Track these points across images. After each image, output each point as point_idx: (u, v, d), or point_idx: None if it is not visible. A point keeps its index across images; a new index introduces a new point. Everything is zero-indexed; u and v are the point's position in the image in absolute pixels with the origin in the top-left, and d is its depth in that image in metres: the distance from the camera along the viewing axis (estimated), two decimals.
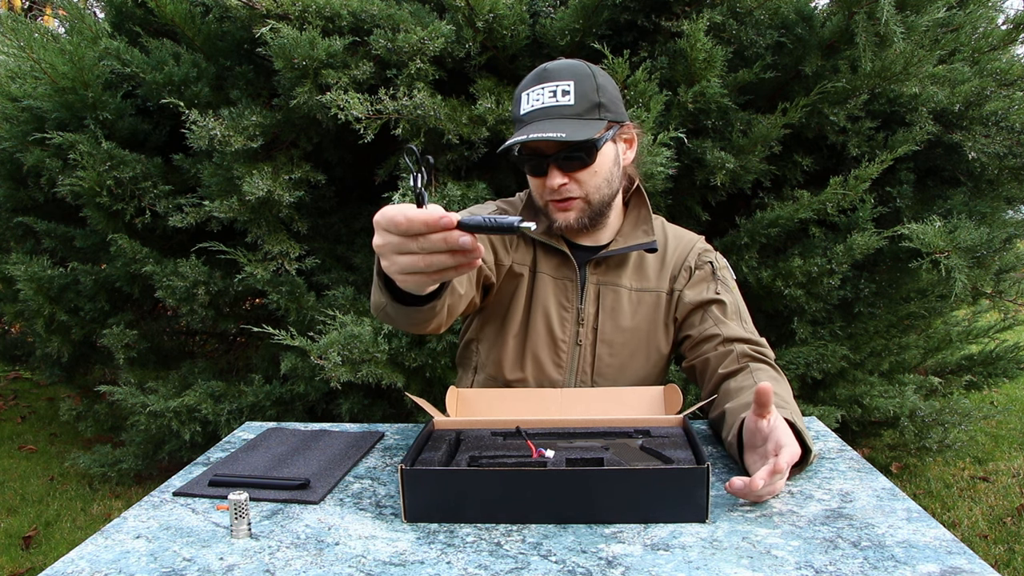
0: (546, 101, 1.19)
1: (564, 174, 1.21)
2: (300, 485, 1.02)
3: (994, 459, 3.32)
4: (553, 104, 1.19)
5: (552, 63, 1.23)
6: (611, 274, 1.34)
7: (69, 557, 0.85)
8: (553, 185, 1.21)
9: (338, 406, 2.65)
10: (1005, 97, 2.57)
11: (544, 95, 1.20)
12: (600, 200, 1.25)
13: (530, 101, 1.21)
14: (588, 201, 1.25)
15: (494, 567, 0.80)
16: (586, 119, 1.19)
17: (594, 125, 1.19)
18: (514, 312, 1.34)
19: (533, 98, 1.21)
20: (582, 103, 1.19)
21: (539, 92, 1.20)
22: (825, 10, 2.50)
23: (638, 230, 1.33)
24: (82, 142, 2.50)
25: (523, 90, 1.23)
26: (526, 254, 1.34)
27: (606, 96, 1.22)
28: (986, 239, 2.38)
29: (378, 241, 0.79)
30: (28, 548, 2.70)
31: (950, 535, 0.84)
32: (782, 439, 0.93)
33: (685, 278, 1.34)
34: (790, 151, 2.53)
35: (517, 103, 1.24)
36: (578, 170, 1.21)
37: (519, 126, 1.22)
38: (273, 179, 2.40)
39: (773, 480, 0.89)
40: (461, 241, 0.74)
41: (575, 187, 1.23)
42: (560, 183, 1.21)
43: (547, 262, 1.33)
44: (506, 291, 1.35)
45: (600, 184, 1.24)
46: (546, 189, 1.24)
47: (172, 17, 2.46)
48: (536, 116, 1.19)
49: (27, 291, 2.83)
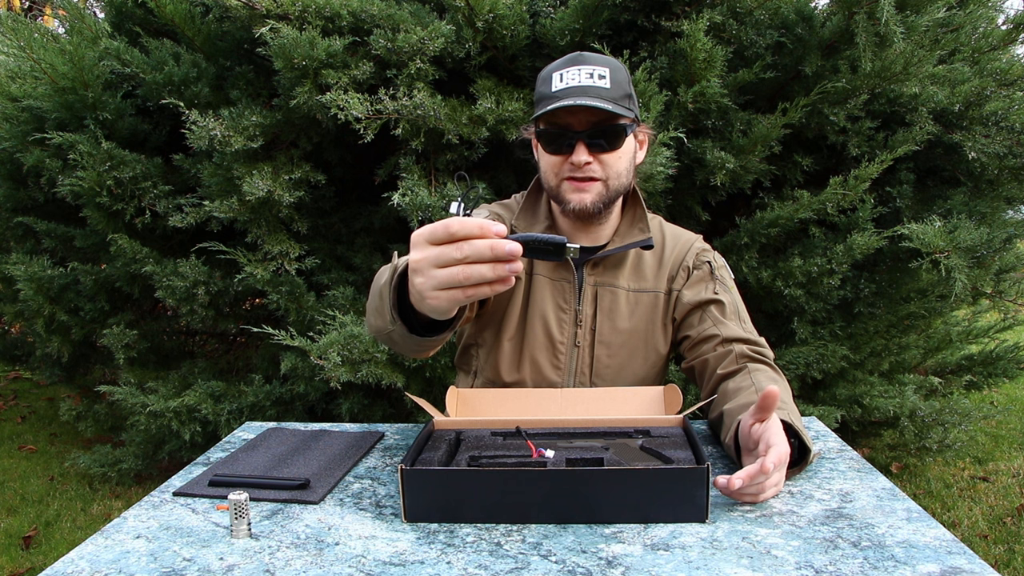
0: (583, 80, 1.19)
1: (590, 153, 1.21)
2: (300, 485, 1.02)
3: (994, 459, 3.32)
4: (591, 84, 1.19)
5: (584, 53, 1.24)
6: (608, 275, 1.34)
7: (69, 557, 0.85)
8: (579, 161, 1.21)
9: (338, 406, 2.65)
10: (1005, 97, 2.57)
11: (581, 75, 1.20)
12: (616, 187, 1.26)
13: (564, 80, 1.20)
14: (607, 185, 1.24)
15: (494, 567, 0.80)
16: (621, 105, 1.20)
17: (627, 112, 1.21)
18: (511, 315, 1.35)
19: (568, 77, 1.20)
20: (617, 90, 1.20)
21: (575, 72, 1.20)
22: (825, 10, 2.50)
23: (634, 228, 1.33)
24: (82, 142, 2.50)
25: (555, 70, 1.23)
26: None
27: (634, 93, 1.25)
28: (986, 239, 2.38)
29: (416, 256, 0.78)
30: (28, 548, 2.70)
31: (950, 535, 0.84)
32: (771, 439, 0.93)
33: (683, 278, 1.34)
34: (790, 151, 2.53)
35: (546, 82, 1.23)
36: (604, 151, 1.22)
37: (550, 101, 1.20)
38: (273, 179, 2.40)
39: (756, 480, 0.89)
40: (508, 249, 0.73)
41: (598, 168, 1.23)
42: (586, 160, 1.21)
43: (544, 264, 1.34)
44: (502, 295, 1.35)
45: (621, 171, 1.25)
46: (565, 166, 1.23)
47: (172, 17, 2.46)
48: (573, 92, 1.19)
49: (27, 291, 2.83)
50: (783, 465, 0.92)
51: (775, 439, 0.92)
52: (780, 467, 0.92)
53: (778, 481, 0.93)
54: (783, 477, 0.95)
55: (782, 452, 0.91)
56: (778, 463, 0.90)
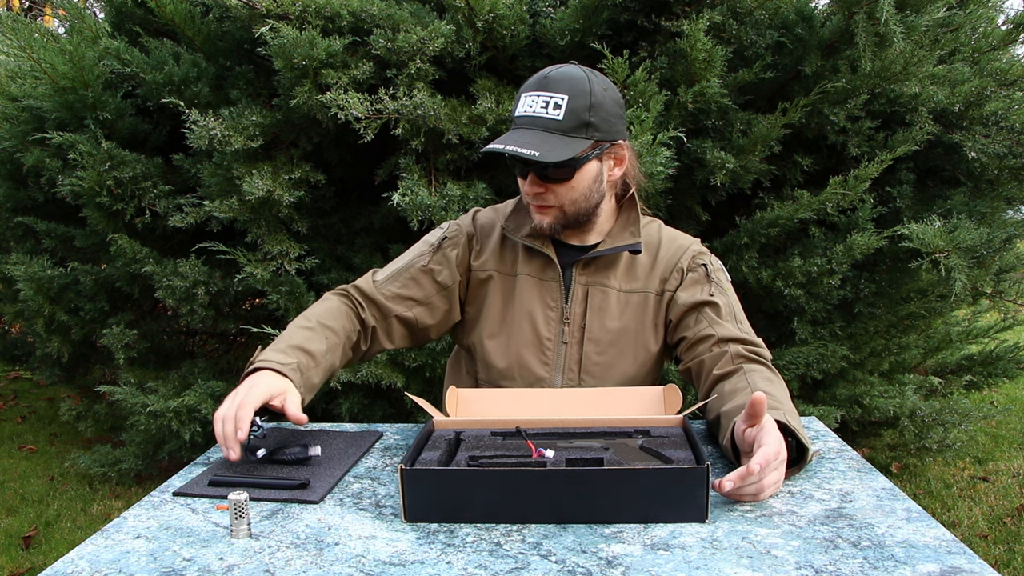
0: (537, 111, 1.22)
1: (542, 184, 1.25)
2: (300, 485, 1.02)
3: (994, 459, 3.32)
4: (542, 115, 1.21)
5: (557, 70, 1.24)
6: (599, 275, 1.35)
7: (69, 557, 0.85)
8: (531, 191, 1.26)
9: (338, 406, 2.65)
10: (1005, 97, 2.57)
11: (536, 104, 1.22)
12: (575, 211, 1.29)
13: (523, 105, 1.24)
14: (564, 211, 1.28)
15: (494, 567, 0.80)
16: (571, 136, 1.21)
17: (576, 144, 1.21)
18: (493, 314, 1.38)
19: (527, 103, 1.24)
20: (570, 120, 1.21)
21: (534, 99, 1.23)
22: (825, 10, 2.50)
23: (625, 232, 1.34)
24: (82, 142, 2.50)
25: (523, 91, 1.26)
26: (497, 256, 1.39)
27: (598, 115, 1.22)
28: (986, 239, 2.38)
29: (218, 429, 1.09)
30: (28, 548, 2.70)
31: (950, 535, 0.84)
32: (762, 439, 0.93)
33: (677, 280, 1.35)
34: (790, 151, 2.53)
35: (516, 102, 1.27)
36: (555, 183, 1.25)
37: (511, 127, 1.26)
38: (273, 179, 2.40)
39: (748, 481, 0.89)
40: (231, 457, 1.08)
41: (551, 197, 1.27)
42: (536, 191, 1.26)
43: (530, 264, 1.36)
44: (479, 295, 1.40)
45: (576, 198, 1.27)
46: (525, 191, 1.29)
47: (172, 17, 2.46)
48: (523, 123, 1.23)
49: (27, 291, 2.83)
50: (777, 464, 0.93)
51: (766, 439, 0.93)
52: (772, 467, 0.92)
53: (776, 480, 0.93)
54: (781, 476, 0.95)
55: (769, 452, 0.91)
56: (764, 464, 0.90)
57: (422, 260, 1.39)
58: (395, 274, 1.38)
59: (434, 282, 1.38)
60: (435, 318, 1.39)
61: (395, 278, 1.38)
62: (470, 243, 1.41)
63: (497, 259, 1.38)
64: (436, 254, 1.39)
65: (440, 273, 1.38)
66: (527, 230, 1.35)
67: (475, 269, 1.39)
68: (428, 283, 1.38)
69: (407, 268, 1.38)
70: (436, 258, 1.39)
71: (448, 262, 1.39)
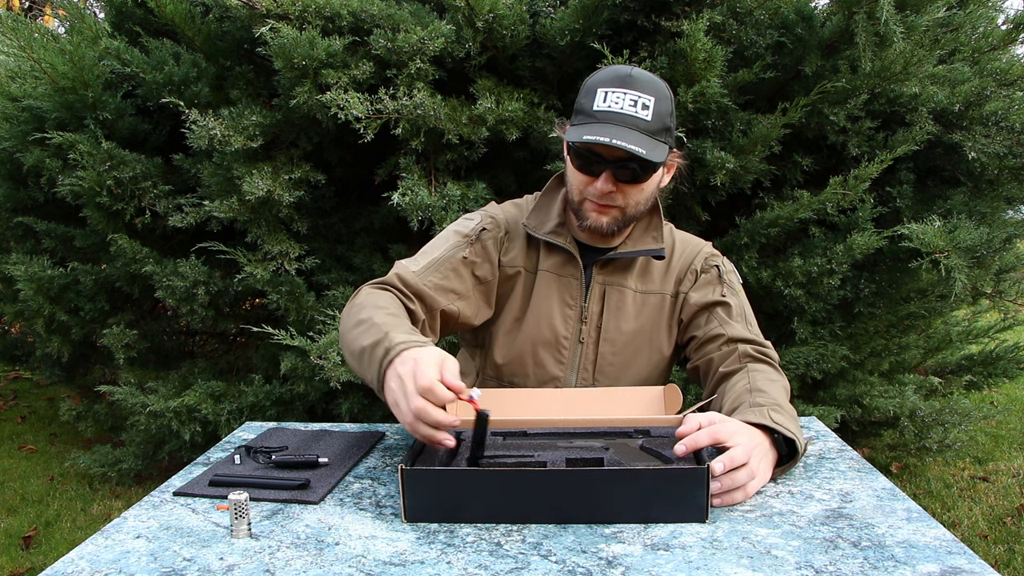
0: (625, 107, 1.19)
1: (615, 183, 1.22)
2: (300, 485, 1.02)
3: (994, 459, 3.32)
4: (632, 114, 1.19)
5: (636, 70, 1.22)
6: (617, 275, 1.35)
7: (69, 557, 0.85)
8: (603, 190, 1.22)
9: (338, 406, 2.65)
10: (1005, 97, 2.57)
11: (624, 101, 1.19)
12: (634, 214, 1.28)
13: (607, 100, 1.20)
14: (625, 212, 1.26)
15: (494, 567, 0.80)
16: (656, 139, 1.20)
17: (661, 148, 1.20)
18: (512, 310, 1.35)
19: (612, 99, 1.20)
20: (657, 122, 1.20)
21: (619, 95, 1.19)
22: (825, 10, 2.50)
23: (647, 236, 1.34)
24: (82, 142, 2.50)
25: (601, 86, 1.22)
26: (523, 253, 1.36)
27: (674, 122, 1.25)
28: (986, 239, 2.38)
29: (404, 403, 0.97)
30: (28, 548, 2.70)
31: (950, 535, 0.84)
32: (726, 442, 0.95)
33: (691, 281, 1.35)
34: (790, 151, 2.53)
35: (590, 95, 1.22)
36: (629, 184, 1.23)
37: (588, 120, 1.20)
38: (273, 179, 2.40)
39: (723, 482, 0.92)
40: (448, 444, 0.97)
41: (620, 197, 1.24)
42: (609, 190, 1.22)
43: (550, 260, 1.34)
44: (504, 292, 1.36)
45: (640, 201, 1.26)
46: (590, 188, 1.24)
47: (172, 17, 2.46)
48: (611, 119, 1.19)
49: (27, 291, 2.83)
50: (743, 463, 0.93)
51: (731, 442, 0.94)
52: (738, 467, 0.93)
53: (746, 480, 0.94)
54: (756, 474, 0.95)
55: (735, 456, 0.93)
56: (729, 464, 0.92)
57: (460, 251, 1.31)
58: (434, 265, 1.29)
59: (472, 275, 1.32)
60: (471, 311, 1.32)
61: (435, 269, 1.29)
62: (504, 238, 1.36)
63: (524, 256, 1.35)
64: (475, 245, 1.33)
65: (480, 267, 1.33)
66: (550, 227, 1.33)
67: (504, 265, 1.35)
68: (468, 276, 1.31)
69: (447, 259, 1.30)
70: (475, 249, 1.33)
71: (487, 255, 1.33)
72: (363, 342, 1.08)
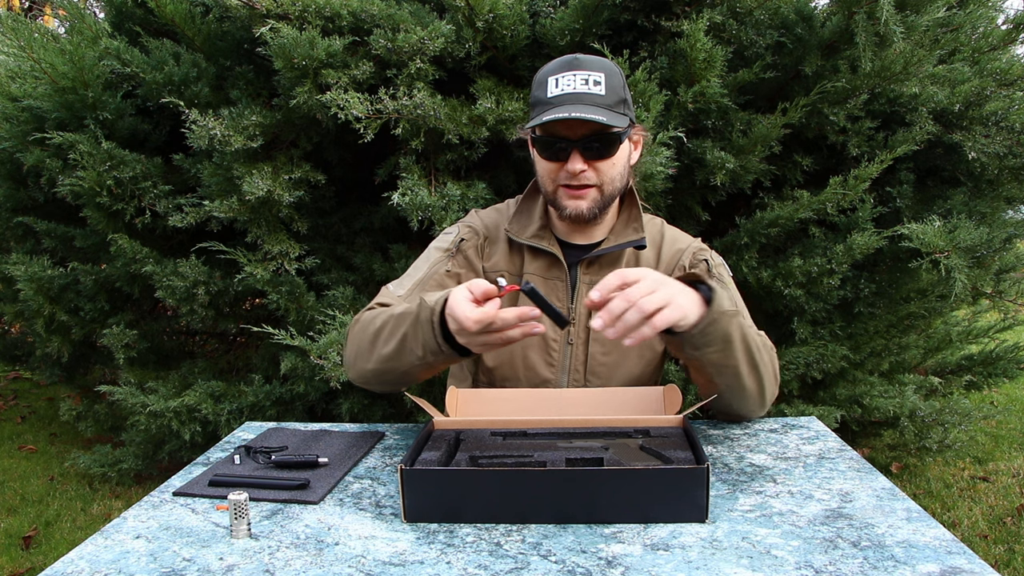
0: (577, 87, 1.20)
1: (585, 161, 1.23)
2: (300, 485, 1.02)
3: (994, 459, 3.32)
4: (585, 91, 1.20)
5: (581, 54, 1.25)
6: (604, 273, 1.33)
7: (69, 557, 0.85)
8: (574, 170, 1.23)
9: (338, 406, 2.65)
10: (1005, 97, 2.57)
11: (576, 81, 1.21)
12: (611, 192, 1.28)
13: (560, 85, 1.21)
14: (602, 191, 1.26)
15: (494, 567, 0.80)
16: (615, 111, 1.21)
17: (621, 118, 1.21)
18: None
19: (564, 83, 1.21)
20: (611, 96, 1.21)
21: (570, 78, 1.21)
22: (825, 10, 2.50)
23: (628, 228, 1.34)
24: (82, 142, 2.50)
25: (550, 75, 1.23)
26: (507, 258, 1.36)
27: (629, 94, 1.26)
28: (986, 239, 2.38)
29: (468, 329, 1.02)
30: (28, 548, 2.70)
31: (950, 535, 0.84)
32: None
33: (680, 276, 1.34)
34: (790, 151, 2.53)
35: (542, 86, 1.24)
36: (598, 159, 1.23)
37: (544, 108, 1.22)
38: (273, 179, 2.40)
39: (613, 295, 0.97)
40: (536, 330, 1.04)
41: (593, 175, 1.24)
42: (580, 169, 1.22)
43: (535, 264, 1.35)
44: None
45: (615, 176, 1.26)
46: (561, 174, 1.25)
47: (172, 17, 2.46)
48: (567, 100, 1.20)
49: (27, 291, 2.83)
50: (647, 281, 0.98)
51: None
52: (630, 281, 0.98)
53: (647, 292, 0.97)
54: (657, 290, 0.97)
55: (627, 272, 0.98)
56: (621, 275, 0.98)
57: (443, 266, 1.34)
58: (420, 285, 1.33)
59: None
60: None
61: (421, 288, 1.32)
62: (483, 245, 1.38)
63: (507, 260, 1.36)
64: (456, 257, 1.35)
65: (465, 277, 1.34)
66: (532, 231, 1.34)
67: (488, 271, 1.37)
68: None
69: (430, 276, 1.33)
70: (457, 261, 1.35)
71: (470, 264, 1.36)
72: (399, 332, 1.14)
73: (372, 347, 1.19)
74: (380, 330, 1.18)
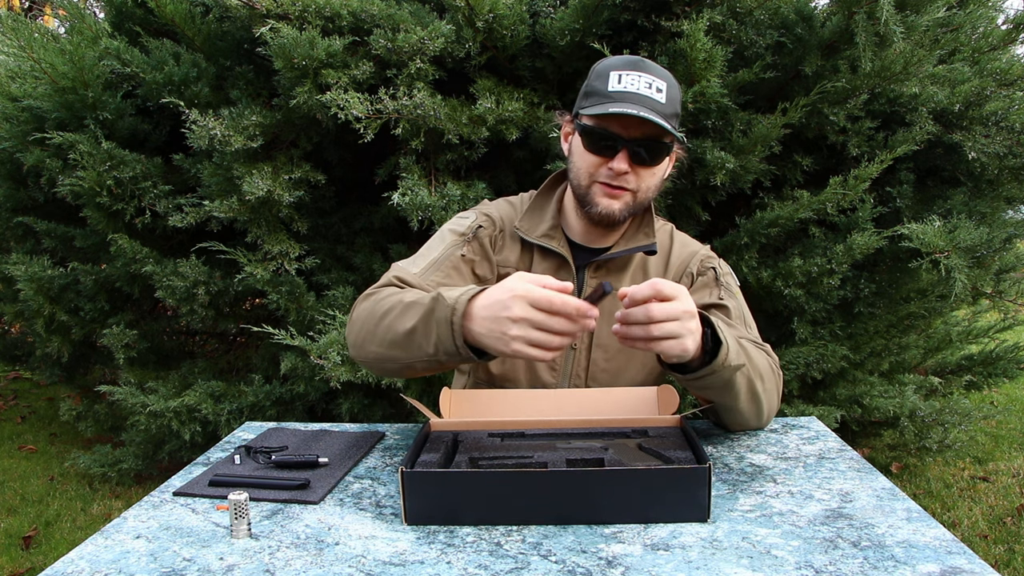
0: (641, 89, 1.19)
1: (630, 163, 1.21)
2: (300, 485, 1.02)
3: (994, 459, 3.32)
4: (647, 95, 1.19)
5: (646, 60, 1.24)
6: (611, 278, 1.33)
7: (69, 557, 0.85)
8: (619, 169, 1.20)
9: (338, 406, 2.65)
10: (1005, 97, 2.57)
11: (640, 83, 1.19)
12: (643, 200, 1.27)
13: (623, 82, 1.20)
14: (636, 197, 1.25)
15: (494, 567, 0.80)
16: (669, 122, 1.20)
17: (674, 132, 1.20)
18: None
19: (627, 81, 1.20)
20: (669, 107, 1.20)
21: (635, 78, 1.20)
22: (825, 10, 2.50)
23: (640, 233, 1.33)
24: (82, 142, 2.50)
25: (614, 69, 1.21)
26: (517, 255, 1.34)
27: (680, 111, 1.25)
28: (986, 239, 2.38)
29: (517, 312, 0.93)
30: (28, 548, 2.70)
31: (950, 535, 0.84)
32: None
33: (687, 283, 1.34)
34: (790, 151, 2.53)
35: (602, 78, 1.22)
36: (643, 165, 1.22)
37: (604, 99, 1.20)
38: (273, 179, 2.40)
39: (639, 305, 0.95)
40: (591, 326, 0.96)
41: (633, 179, 1.23)
42: (624, 169, 1.20)
43: (543, 264, 1.33)
44: None
45: (651, 186, 1.25)
46: (602, 170, 1.22)
47: (172, 17, 2.46)
48: (628, 98, 1.18)
49: (27, 291, 2.83)
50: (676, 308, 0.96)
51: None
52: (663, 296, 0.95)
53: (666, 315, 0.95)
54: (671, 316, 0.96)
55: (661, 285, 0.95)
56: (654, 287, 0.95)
57: (458, 249, 1.31)
58: (435, 265, 1.28)
59: (473, 273, 1.31)
60: None
61: (436, 268, 1.28)
62: (497, 237, 1.35)
63: (518, 257, 1.34)
64: (472, 243, 1.32)
65: (480, 265, 1.32)
66: (543, 230, 1.32)
67: (497, 264, 1.34)
68: (468, 273, 1.30)
69: (446, 258, 1.30)
70: (473, 247, 1.32)
71: (485, 252, 1.33)
72: (407, 324, 1.08)
73: (376, 329, 1.14)
74: (387, 313, 1.13)
